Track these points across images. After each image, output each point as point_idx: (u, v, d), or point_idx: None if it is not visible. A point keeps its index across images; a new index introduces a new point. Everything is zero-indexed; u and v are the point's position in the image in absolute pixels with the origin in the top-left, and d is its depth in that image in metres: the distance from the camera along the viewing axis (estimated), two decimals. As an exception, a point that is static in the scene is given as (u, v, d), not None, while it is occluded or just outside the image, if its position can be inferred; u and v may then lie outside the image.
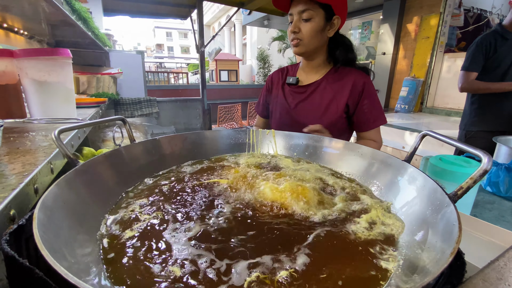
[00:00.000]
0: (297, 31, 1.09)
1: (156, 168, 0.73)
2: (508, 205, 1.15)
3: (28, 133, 0.78)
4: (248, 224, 0.49)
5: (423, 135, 0.57)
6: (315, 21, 1.07)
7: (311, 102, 1.22)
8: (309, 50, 1.15)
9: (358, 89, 1.16)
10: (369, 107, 1.17)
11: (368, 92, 1.17)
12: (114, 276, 0.37)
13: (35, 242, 0.31)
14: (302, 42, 1.11)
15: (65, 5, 0.99)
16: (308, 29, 1.08)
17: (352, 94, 1.16)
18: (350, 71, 1.20)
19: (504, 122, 2.04)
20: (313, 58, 1.21)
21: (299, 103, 1.25)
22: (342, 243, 0.44)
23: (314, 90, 1.22)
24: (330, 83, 1.20)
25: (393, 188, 0.59)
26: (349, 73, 1.19)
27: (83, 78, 2.14)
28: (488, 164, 0.38)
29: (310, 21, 1.07)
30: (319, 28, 1.09)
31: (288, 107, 1.26)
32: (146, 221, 0.50)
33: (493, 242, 0.73)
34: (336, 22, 1.11)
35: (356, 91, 1.16)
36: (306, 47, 1.13)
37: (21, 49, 0.92)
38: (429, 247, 0.37)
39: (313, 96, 1.22)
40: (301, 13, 1.06)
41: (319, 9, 1.06)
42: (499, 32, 1.96)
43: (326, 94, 1.19)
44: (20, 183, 0.44)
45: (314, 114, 1.21)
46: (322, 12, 1.07)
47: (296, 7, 1.07)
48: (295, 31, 1.09)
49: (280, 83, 1.32)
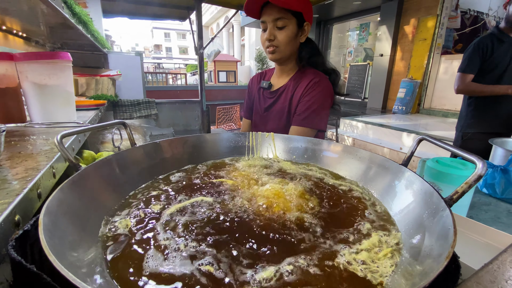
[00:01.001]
0: (273, 38, 1.13)
1: (157, 171, 0.74)
2: (504, 206, 1.16)
3: (29, 136, 0.79)
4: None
5: (419, 140, 0.59)
6: (289, 29, 1.12)
7: (278, 106, 1.26)
8: (284, 56, 1.19)
9: (308, 86, 1.18)
10: (305, 104, 1.17)
11: (314, 91, 1.17)
12: (118, 279, 0.38)
13: (39, 247, 0.32)
14: (278, 49, 1.16)
15: (66, 8, 0.99)
16: (283, 37, 1.12)
17: (303, 92, 1.19)
18: (311, 71, 1.22)
19: (501, 124, 2.06)
20: (286, 63, 1.25)
21: (268, 107, 1.29)
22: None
23: (280, 94, 1.26)
24: (293, 85, 1.23)
25: (391, 192, 0.60)
26: (309, 73, 1.22)
27: (82, 80, 2.14)
28: (483, 170, 0.40)
29: (285, 28, 1.12)
30: (293, 35, 1.14)
31: (260, 111, 1.32)
32: (149, 224, 0.51)
33: (489, 243, 0.74)
34: (306, 28, 1.16)
35: (307, 88, 1.18)
36: (282, 53, 1.17)
37: (22, 53, 0.92)
38: (425, 250, 0.38)
39: (280, 100, 1.26)
40: (275, 21, 1.11)
41: (291, 17, 1.11)
42: (496, 35, 1.98)
43: (288, 96, 1.23)
44: (24, 188, 0.45)
45: (278, 117, 1.25)
46: (294, 20, 1.12)
47: (270, 15, 1.11)
48: (271, 39, 1.14)
49: (258, 86, 1.36)
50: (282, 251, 0.44)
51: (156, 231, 0.49)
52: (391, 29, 6.23)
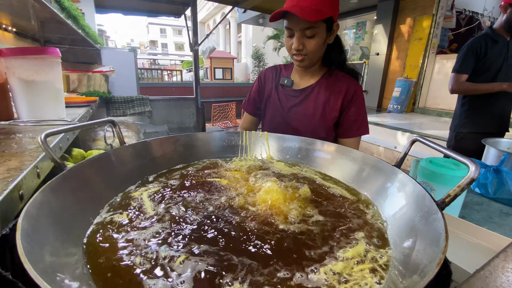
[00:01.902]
0: (302, 48, 1.06)
1: (146, 171, 0.72)
2: (496, 206, 1.17)
3: (14, 134, 0.76)
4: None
5: (413, 141, 0.58)
6: (319, 36, 1.04)
7: (305, 107, 1.21)
8: (313, 62, 1.14)
9: (349, 97, 1.16)
10: (355, 115, 1.17)
11: (357, 101, 1.17)
12: (100, 284, 0.37)
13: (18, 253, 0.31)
14: (307, 57, 1.09)
15: (54, 3, 0.96)
16: (313, 45, 1.05)
17: (344, 102, 1.17)
18: (343, 77, 1.19)
19: (494, 124, 2.08)
20: (312, 65, 1.19)
21: (293, 107, 1.23)
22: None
23: (308, 95, 1.21)
24: (324, 88, 1.19)
25: (383, 193, 0.59)
26: (342, 79, 1.19)
27: (74, 76, 2.10)
28: (475, 173, 0.39)
29: (314, 37, 1.03)
30: (323, 41, 1.07)
31: (282, 109, 1.25)
32: (134, 226, 0.50)
33: (481, 244, 0.74)
34: (335, 29, 1.09)
35: (347, 99, 1.16)
36: (311, 60, 1.12)
37: (8, 48, 0.89)
38: (416, 255, 0.38)
39: (308, 101, 1.21)
40: (304, 30, 1.02)
41: (321, 23, 1.02)
42: (490, 35, 1.99)
43: (320, 99, 1.19)
44: (4, 190, 0.43)
45: (307, 119, 1.20)
46: (324, 25, 1.04)
47: (297, 25, 1.01)
48: (300, 49, 1.06)
49: (274, 82, 1.29)
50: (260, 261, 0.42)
51: (142, 237, 0.47)
52: (387, 28, 6.24)
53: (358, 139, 1.22)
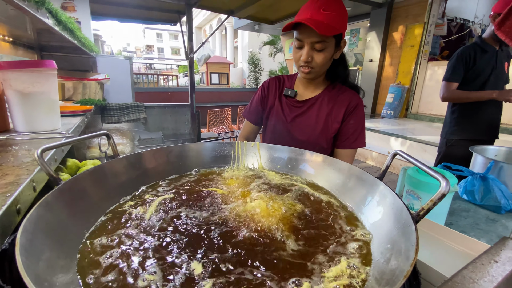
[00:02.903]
0: (310, 60, 1.08)
1: (140, 182, 0.74)
2: (483, 213, 1.20)
3: (11, 146, 0.78)
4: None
5: (394, 154, 0.61)
6: (328, 51, 1.07)
7: (308, 118, 1.24)
8: (318, 75, 1.17)
9: (351, 109, 1.19)
10: (353, 127, 1.20)
11: (357, 114, 1.21)
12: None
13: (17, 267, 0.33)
14: (314, 70, 1.11)
15: (51, 18, 0.99)
16: (321, 59, 1.07)
17: (346, 113, 1.20)
18: (346, 90, 1.22)
19: (483, 131, 2.13)
20: (317, 78, 1.22)
21: (296, 117, 1.25)
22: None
23: (311, 106, 1.24)
24: (327, 100, 1.22)
25: (366, 204, 0.62)
26: (345, 92, 1.22)
27: (69, 84, 2.11)
28: (446, 189, 0.42)
29: (324, 51, 1.06)
30: (330, 56, 1.10)
31: (285, 119, 1.27)
32: (129, 240, 0.52)
33: (465, 251, 0.77)
34: (343, 45, 1.13)
35: (349, 110, 1.20)
36: (317, 73, 1.14)
37: (5, 61, 0.91)
38: (391, 266, 0.40)
39: (310, 112, 1.24)
40: (314, 43, 1.04)
41: (332, 39, 1.05)
42: (479, 45, 2.04)
43: (322, 111, 1.22)
44: (3, 205, 0.45)
45: (309, 129, 1.23)
46: (334, 40, 1.07)
47: (308, 37, 1.04)
48: (308, 61, 1.08)
49: (277, 92, 1.31)
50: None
51: (136, 250, 0.50)
52: (380, 36, 6.36)
53: (353, 151, 1.24)
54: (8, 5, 0.82)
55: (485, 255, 0.42)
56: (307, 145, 1.13)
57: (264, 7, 2.91)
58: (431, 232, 0.81)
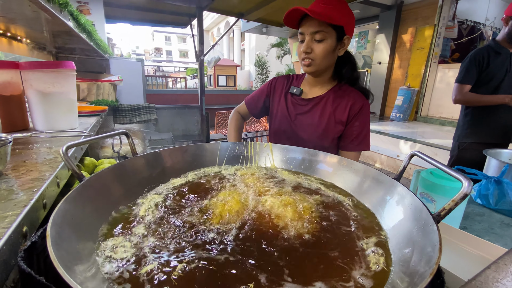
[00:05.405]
0: (310, 51, 1.10)
1: (158, 179, 0.76)
2: (497, 217, 1.18)
3: (32, 144, 0.81)
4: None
5: (411, 155, 0.61)
6: (327, 42, 1.08)
7: (311, 116, 1.24)
8: (320, 69, 1.16)
9: (355, 110, 1.18)
10: (358, 129, 1.20)
11: (362, 116, 1.20)
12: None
13: (45, 257, 0.34)
14: (314, 62, 1.12)
15: (72, 20, 1.02)
16: (320, 50, 1.08)
17: (350, 115, 1.19)
18: (352, 91, 1.22)
19: (497, 135, 2.09)
20: (321, 76, 1.22)
21: (299, 115, 1.26)
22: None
23: (315, 105, 1.24)
24: (331, 100, 1.22)
25: (383, 205, 0.62)
26: (350, 93, 1.21)
27: (83, 85, 2.16)
28: (468, 189, 0.42)
29: (323, 42, 1.07)
30: (331, 49, 1.10)
31: (289, 116, 1.28)
32: (149, 233, 0.53)
33: (481, 255, 0.76)
34: (346, 42, 1.13)
35: (353, 112, 1.19)
36: (318, 66, 1.14)
37: (27, 62, 0.94)
38: (413, 265, 0.40)
39: (314, 110, 1.24)
40: (313, 33, 1.07)
41: (331, 30, 1.07)
42: (493, 47, 2.01)
43: (326, 110, 1.22)
44: (30, 200, 0.46)
45: (312, 128, 1.23)
46: (334, 33, 1.08)
47: (308, 28, 1.07)
48: (308, 52, 1.10)
49: (284, 90, 1.33)
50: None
51: (156, 243, 0.51)
52: (389, 38, 6.32)
53: (358, 153, 1.23)
54: (29, 7, 0.85)
55: (507, 255, 0.42)
56: (309, 144, 1.12)
57: (274, 10, 2.93)
58: (446, 235, 0.80)
